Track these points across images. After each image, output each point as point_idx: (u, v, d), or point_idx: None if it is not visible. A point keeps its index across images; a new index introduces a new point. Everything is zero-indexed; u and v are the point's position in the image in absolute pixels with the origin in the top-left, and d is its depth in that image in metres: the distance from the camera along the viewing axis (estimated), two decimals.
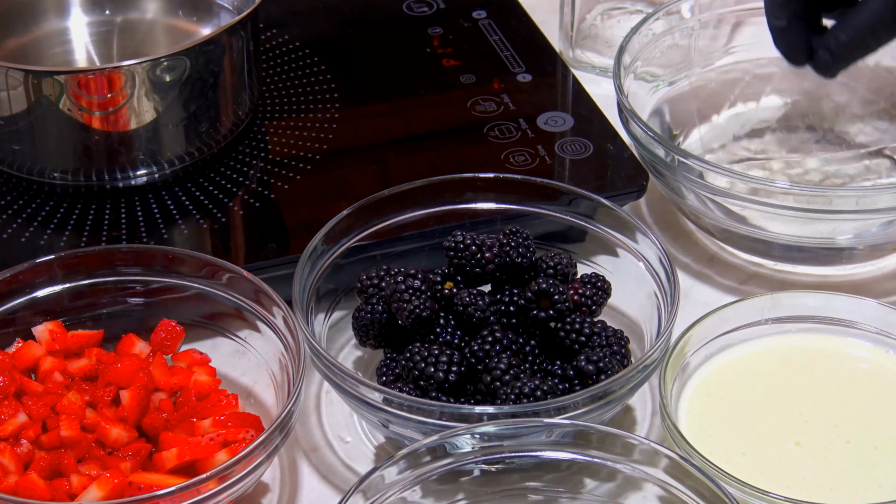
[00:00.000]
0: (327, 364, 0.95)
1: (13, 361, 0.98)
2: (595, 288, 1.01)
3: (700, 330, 1.01)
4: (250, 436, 0.94)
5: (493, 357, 0.96)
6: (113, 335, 1.01)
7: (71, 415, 0.94)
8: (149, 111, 1.09)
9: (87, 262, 1.02)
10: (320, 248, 1.02)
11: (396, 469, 0.89)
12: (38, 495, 0.90)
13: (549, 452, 0.92)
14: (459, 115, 1.19)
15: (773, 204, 1.06)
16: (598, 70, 1.32)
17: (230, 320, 1.02)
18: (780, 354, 1.02)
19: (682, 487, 0.89)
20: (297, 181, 1.12)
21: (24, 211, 1.10)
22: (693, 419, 0.98)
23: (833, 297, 1.03)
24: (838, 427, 0.97)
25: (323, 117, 1.19)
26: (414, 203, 1.06)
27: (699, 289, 1.12)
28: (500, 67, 1.24)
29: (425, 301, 0.98)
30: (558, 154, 1.15)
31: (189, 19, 1.23)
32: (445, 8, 1.31)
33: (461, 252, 1.01)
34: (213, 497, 0.89)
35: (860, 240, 1.10)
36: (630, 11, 1.34)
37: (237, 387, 1.01)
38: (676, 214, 1.18)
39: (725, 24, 1.25)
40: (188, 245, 1.07)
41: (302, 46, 1.27)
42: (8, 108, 1.08)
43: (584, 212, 1.06)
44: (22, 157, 1.10)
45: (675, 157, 1.08)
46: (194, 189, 1.12)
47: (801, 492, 0.92)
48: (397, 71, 1.24)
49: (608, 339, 0.98)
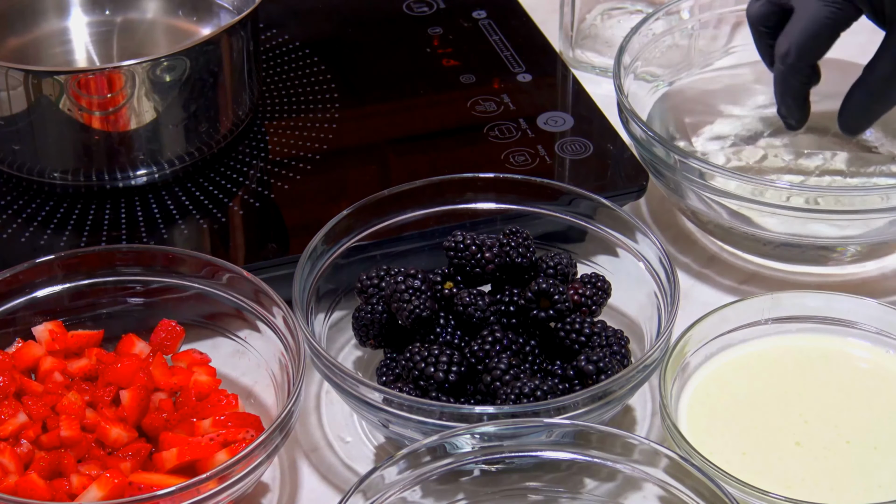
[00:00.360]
0: (327, 364, 0.95)
1: (13, 361, 0.98)
2: (595, 288, 1.01)
3: (700, 330, 1.01)
4: (250, 436, 0.94)
5: (493, 357, 0.96)
6: (113, 335, 1.01)
7: (71, 415, 0.94)
8: (149, 111, 1.09)
9: (87, 262, 1.02)
10: (320, 248, 1.02)
11: (396, 469, 0.89)
12: (38, 495, 0.90)
13: (549, 452, 0.92)
14: (459, 115, 1.19)
15: (773, 204, 1.06)
16: (598, 70, 1.32)
17: (230, 320, 1.02)
18: (780, 354, 1.02)
19: (682, 487, 0.89)
20: (297, 181, 1.12)
21: (24, 211, 1.10)
22: (693, 419, 0.98)
23: (833, 297, 1.03)
24: (838, 427, 0.97)
25: (323, 117, 1.19)
26: (414, 203, 1.06)
27: (699, 289, 1.12)
28: (500, 67, 1.24)
29: (425, 301, 0.98)
30: (558, 154, 1.15)
31: (189, 19, 1.23)
32: (445, 8, 1.31)
33: (461, 252, 1.01)
34: (213, 497, 0.89)
35: (860, 240, 1.10)
36: (630, 11, 1.34)
37: (237, 387, 1.01)
38: (676, 214, 1.18)
39: (725, 24, 1.25)
40: (188, 245, 1.07)
41: (302, 46, 1.27)
42: (8, 108, 1.08)
43: (584, 212, 1.06)
44: (22, 157, 1.10)
45: (675, 157, 1.08)
46: (194, 189, 1.12)
47: (801, 492, 0.92)
48: (397, 71, 1.24)
49: (608, 339, 0.98)
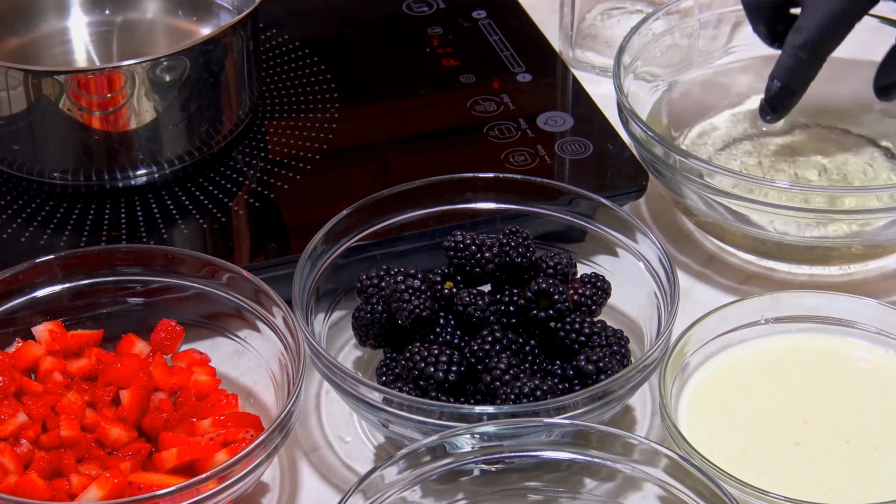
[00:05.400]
0: (327, 364, 0.95)
1: (13, 361, 0.98)
2: (595, 288, 1.01)
3: (700, 330, 1.01)
4: (250, 436, 0.94)
5: (493, 357, 0.96)
6: (113, 335, 1.01)
7: (71, 415, 0.94)
8: (149, 111, 1.09)
9: (87, 262, 1.02)
10: (320, 248, 1.02)
11: (396, 469, 0.89)
12: (38, 495, 0.90)
13: (549, 452, 0.92)
14: (459, 115, 1.19)
15: (773, 204, 1.06)
16: (598, 70, 1.32)
17: (230, 320, 1.02)
18: (780, 354, 1.02)
19: (682, 487, 0.89)
20: (297, 181, 1.12)
21: (24, 211, 1.10)
22: (693, 419, 0.98)
23: (833, 297, 1.03)
24: (838, 427, 0.97)
25: (323, 117, 1.19)
26: (414, 203, 1.06)
27: (699, 289, 1.12)
28: (500, 67, 1.24)
29: (425, 301, 0.98)
30: (558, 154, 1.15)
31: (189, 19, 1.23)
32: (445, 8, 1.31)
33: (461, 252, 1.01)
34: (212, 497, 0.89)
35: (860, 240, 1.10)
36: (630, 11, 1.34)
37: (237, 387, 1.01)
38: (676, 214, 1.18)
39: (725, 24, 1.25)
40: (188, 245, 1.07)
41: (302, 46, 1.27)
42: (8, 108, 1.08)
43: (584, 212, 1.06)
44: (22, 157, 1.10)
45: (675, 157, 1.08)
46: (194, 189, 1.12)
47: (801, 492, 0.92)
48: (397, 71, 1.24)
49: (608, 339, 0.98)
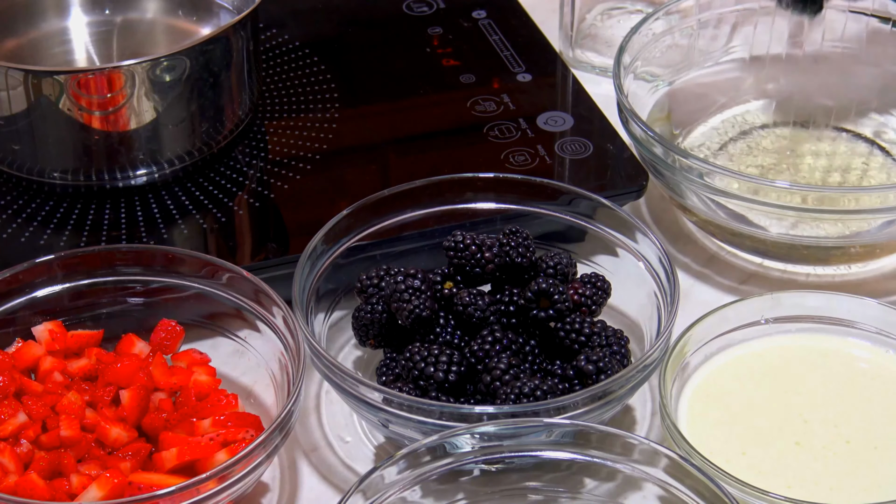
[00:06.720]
0: (327, 364, 0.95)
1: (13, 361, 0.98)
2: (595, 288, 1.01)
3: (700, 330, 1.01)
4: (250, 436, 0.94)
5: (492, 357, 0.96)
6: (113, 335, 1.01)
7: (71, 415, 0.94)
8: (149, 111, 1.09)
9: (87, 262, 1.02)
10: (320, 248, 1.02)
11: (396, 469, 0.89)
12: (38, 495, 0.90)
13: (549, 452, 0.92)
14: (459, 115, 1.19)
15: (773, 204, 1.06)
16: (598, 70, 1.32)
17: (230, 320, 1.02)
18: (780, 354, 1.02)
19: (681, 487, 0.89)
20: (297, 181, 1.12)
21: (24, 211, 1.10)
22: (693, 419, 0.98)
23: (833, 297, 1.03)
24: (838, 427, 0.97)
25: (323, 117, 1.19)
26: (414, 203, 1.06)
27: (699, 289, 1.12)
28: (500, 67, 1.24)
29: (425, 301, 0.98)
30: (558, 154, 1.15)
31: (189, 19, 1.23)
32: (445, 8, 1.31)
33: (461, 252, 1.01)
34: (212, 497, 0.89)
35: (860, 240, 1.10)
36: (630, 11, 1.34)
37: (237, 387, 1.01)
38: (676, 214, 1.18)
39: (725, 24, 1.25)
40: (188, 245, 1.07)
41: (302, 46, 1.27)
42: (8, 108, 1.08)
43: (584, 211, 1.06)
44: (22, 157, 1.10)
45: (675, 157, 1.08)
46: (194, 189, 1.12)
47: (801, 492, 0.92)
48: (397, 71, 1.24)
49: (608, 339, 0.98)
